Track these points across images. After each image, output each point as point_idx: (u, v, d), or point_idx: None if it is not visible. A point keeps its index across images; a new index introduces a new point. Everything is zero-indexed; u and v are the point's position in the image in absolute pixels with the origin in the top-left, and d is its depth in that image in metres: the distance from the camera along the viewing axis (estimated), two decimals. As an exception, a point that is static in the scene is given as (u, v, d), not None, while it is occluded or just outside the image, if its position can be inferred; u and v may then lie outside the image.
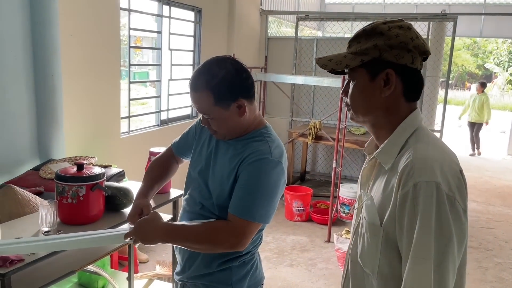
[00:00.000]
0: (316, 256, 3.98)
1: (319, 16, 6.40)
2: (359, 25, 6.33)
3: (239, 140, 1.46)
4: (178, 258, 1.59)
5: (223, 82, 1.36)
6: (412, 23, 1.29)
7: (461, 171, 1.02)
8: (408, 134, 1.06)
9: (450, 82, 6.36)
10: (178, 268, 1.59)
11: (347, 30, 7.78)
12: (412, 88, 1.07)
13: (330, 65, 1.08)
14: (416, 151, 1.01)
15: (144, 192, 1.61)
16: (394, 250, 1.02)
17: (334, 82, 4.86)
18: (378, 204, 1.05)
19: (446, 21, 5.59)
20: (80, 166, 1.86)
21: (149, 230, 1.38)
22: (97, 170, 1.92)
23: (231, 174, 1.41)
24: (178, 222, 1.47)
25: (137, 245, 1.41)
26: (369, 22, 1.11)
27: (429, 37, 5.63)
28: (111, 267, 3.12)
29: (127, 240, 1.40)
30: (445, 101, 5.59)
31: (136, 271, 3.28)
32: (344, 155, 4.72)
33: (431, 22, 5.61)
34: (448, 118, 5.98)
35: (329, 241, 4.28)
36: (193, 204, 1.54)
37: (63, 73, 2.77)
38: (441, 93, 6.80)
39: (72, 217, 1.86)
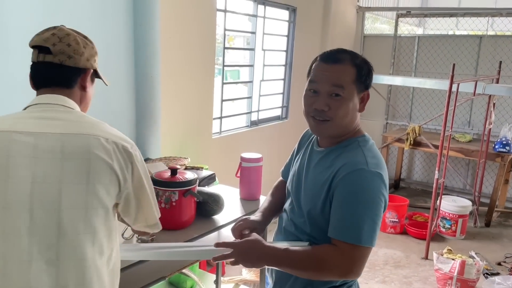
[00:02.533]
0: (411, 274, 3.65)
1: (422, 12, 5.92)
2: (468, 21, 5.74)
3: (333, 149, 1.32)
4: (268, 277, 1.48)
5: (365, 64, 1.31)
6: None
7: None
8: None
9: None
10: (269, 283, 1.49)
11: (453, 26, 7.15)
12: None
13: None
14: None
15: (264, 213, 1.53)
16: None
17: (438, 84, 4.44)
18: None
19: None
20: (174, 171, 1.85)
21: (252, 255, 1.27)
22: (189, 176, 1.89)
23: (323, 188, 1.26)
24: (280, 245, 1.32)
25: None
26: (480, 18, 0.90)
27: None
28: (199, 268, 3.14)
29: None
30: None
31: (223, 273, 3.27)
32: (447, 165, 4.28)
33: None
34: None
35: (426, 258, 3.91)
36: (287, 221, 1.44)
37: (161, 74, 2.83)
38: None
39: (164, 222, 1.81)
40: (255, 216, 1.52)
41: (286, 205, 1.48)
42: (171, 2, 2.90)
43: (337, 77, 1.27)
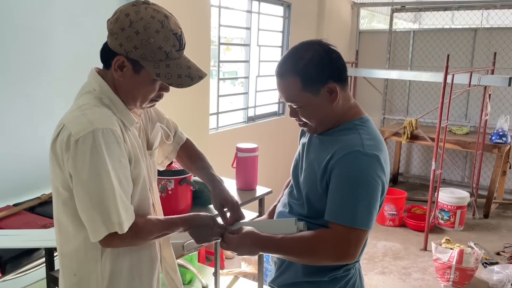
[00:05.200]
0: (410, 265, 3.67)
1: (416, 6, 5.93)
2: (462, 15, 5.76)
3: (330, 133, 1.30)
4: (272, 265, 1.49)
5: (310, 64, 1.22)
6: None
7: None
8: None
9: None
10: (272, 275, 1.49)
11: (448, 20, 7.17)
12: None
13: None
14: None
15: (271, 212, 1.56)
16: None
17: (434, 76, 4.47)
18: None
19: None
20: (169, 160, 1.86)
21: (246, 243, 1.29)
22: (185, 165, 1.90)
23: (319, 170, 1.26)
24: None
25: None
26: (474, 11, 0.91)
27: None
28: (198, 261, 3.16)
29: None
30: None
31: (222, 267, 3.28)
32: (444, 157, 4.30)
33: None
34: None
35: (425, 249, 3.93)
36: (283, 205, 1.46)
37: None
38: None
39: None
40: (262, 218, 1.56)
41: (287, 189, 1.49)
42: (165, -2, 2.93)
43: (285, 94, 1.28)
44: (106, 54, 1.16)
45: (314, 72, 1.23)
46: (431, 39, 5.62)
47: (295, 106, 1.28)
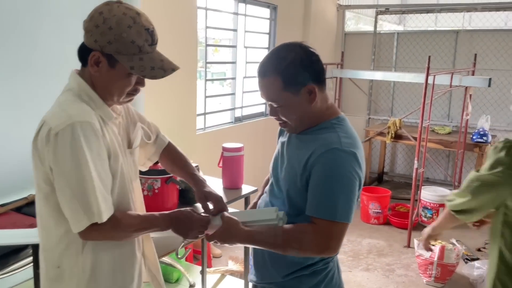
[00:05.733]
0: (394, 262, 3.75)
1: (400, 9, 6.05)
2: (445, 17, 5.89)
3: (309, 132, 1.36)
4: (251, 262, 1.54)
5: (292, 65, 1.28)
6: (506, 13, 1.13)
7: None
8: None
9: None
10: (251, 270, 1.55)
11: (431, 23, 7.30)
12: None
13: None
14: None
15: (253, 208, 1.64)
16: None
17: (416, 77, 4.57)
18: None
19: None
20: (155, 159, 1.90)
21: (230, 236, 1.34)
22: (171, 164, 1.94)
23: (299, 167, 1.31)
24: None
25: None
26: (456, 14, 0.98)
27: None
28: (186, 260, 3.19)
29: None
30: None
31: (210, 266, 3.32)
32: (427, 156, 4.40)
33: (529, 10, 5.06)
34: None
35: (408, 246, 4.02)
36: (264, 203, 1.51)
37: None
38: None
39: (147, 209, 1.89)
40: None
41: (267, 187, 1.54)
42: (152, 0, 2.96)
43: (266, 93, 1.33)
44: (83, 52, 1.21)
45: (295, 73, 1.28)
46: (414, 41, 5.73)
47: (275, 105, 1.34)
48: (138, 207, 1.43)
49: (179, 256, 1.69)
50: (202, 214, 1.40)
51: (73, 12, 2.49)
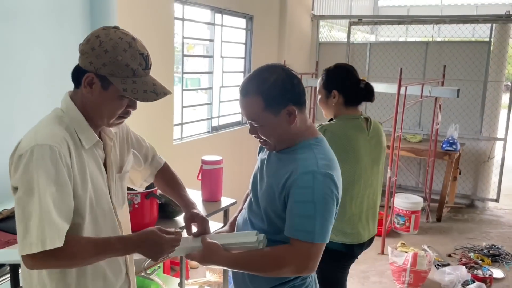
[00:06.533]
0: (369, 269, 3.83)
1: (372, 20, 6.23)
2: (415, 29, 6.09)
3: (287, 152, 1.39)
4: (231, 278, 1.57)
5: (274, 86, 1.32)
6: (473, 25, 1.21)
7: None
8: None
9: (515, 86, 5.95)
10: (230, 286, 1.58)
11: (402, 33, 7.54)
12: None
13: None
14: None
15: (232, 224, 1.63)
16: None
17: (389, 88, 4.68)
18: None
19: (510, 22, 5.24)
20: (135, 174, 1.89)
21: (210, 259, 1.36)
22: (151, 178, 1.94)
23: (278, 187, 1.34)
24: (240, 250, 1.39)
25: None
26: (426, 26, 1.04)
27: (492, 39, 5.32)
28: (163, 272, 3.17)
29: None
30: (510, 107, 5.25)
31: (187, 277, 3.31)
32: (399, 163, 4.53)
33: (493, 24, 5.30)
34: (513, 125, 5.60)
35: (382, 253, 4.11)
36: (244, 218, 1.52)
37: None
38: (504, 98, 6.38)
39: (127, 224, 1.89)
40: (224, 229, 1.62)
41: (246, 203, 1.56)
42: (129, 11, 2.95)
43: (247, 112, 1.36)
44: (77, 73, 1.22)
45: (276, 94, 1.32)
46: (386, 51, 5.89)
47: (255, 125, 1.37)
48: (124, 232, 1.40)
49: (148, 273, 1.68)
50: (171, 230, 1.32)
51: (49, 24, 2.47)
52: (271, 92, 1.31)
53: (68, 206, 1.14)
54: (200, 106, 4.31)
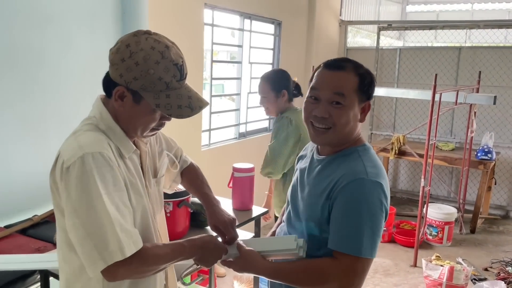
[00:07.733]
0: (401, 282, 3.69)
1: (402, 25, 6.08)
2: (447, 34, 5.92)
3: (332, 158, 1.30)
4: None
5: (368, 74, 1.30)
6: (505, 30, 1.12)
7: None
8: None
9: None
10: None
11: (432, 38, 7.35)
12: None
13: None
14: None
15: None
16: None
17: (421, 94, 4.54)
18: None
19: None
20: (168, 182, 1.85)
21: (249, 268, 1.30)
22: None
23: (321, 197, 1.25)
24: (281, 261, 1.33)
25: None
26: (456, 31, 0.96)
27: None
28: (191, 280, 3.11)
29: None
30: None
31: (214, 286, 3.24)
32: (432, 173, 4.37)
33: (531, 28, 5.09)
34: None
35: (415, 265, 3.96)
36: (284, 231, 1.45)
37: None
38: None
39: (159, 233, 1.85)
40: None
41: (284, 216, 1.48)
42: (160, 17, 2.94)
43: (339, 85, 1.25)
44: (108, 83, 1.16)
45: (368, 82, 1.28)
46: (416, 57, 5.74)
47: (336, 102, 1.25)
48: (164, 240, 1.38)
49: (186, 284, 1.65)
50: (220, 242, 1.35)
51: (82, 30, 2.47)
52: (366, 78, 1.28)
53: (130, 211, 1.12)
54: (226, 112, 4.27)
